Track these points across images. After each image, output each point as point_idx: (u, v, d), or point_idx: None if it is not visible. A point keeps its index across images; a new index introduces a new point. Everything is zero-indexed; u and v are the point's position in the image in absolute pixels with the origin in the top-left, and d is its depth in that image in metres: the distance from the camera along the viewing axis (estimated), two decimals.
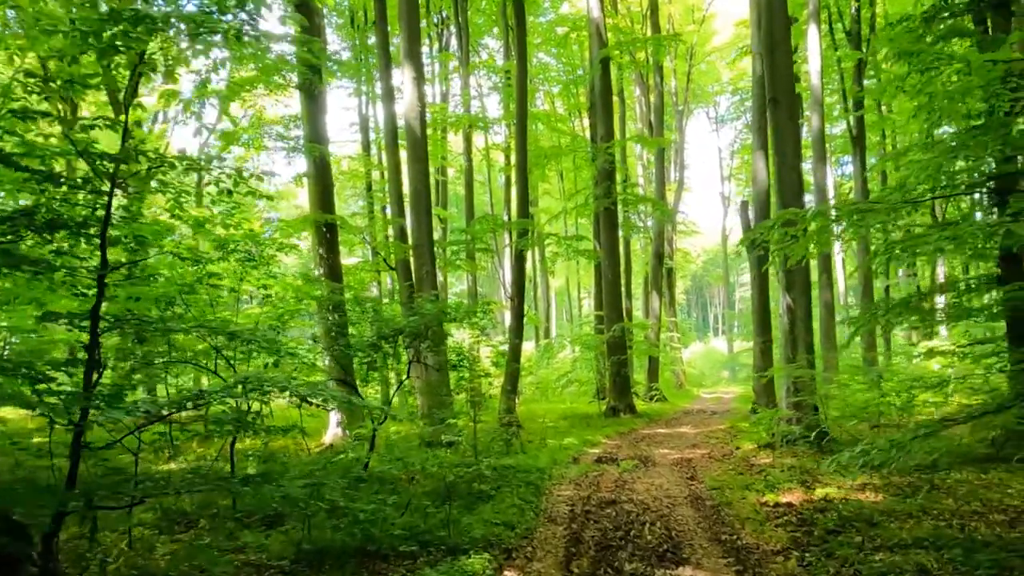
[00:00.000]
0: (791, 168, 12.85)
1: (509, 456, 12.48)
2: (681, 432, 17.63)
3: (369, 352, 9.45)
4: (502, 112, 28.95)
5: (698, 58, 35.49)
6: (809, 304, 13.15)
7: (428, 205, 14.60)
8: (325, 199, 15.43)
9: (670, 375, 32.39)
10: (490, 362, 14.31)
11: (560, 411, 21.27)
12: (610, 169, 21.22)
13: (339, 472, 9.31)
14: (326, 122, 15.42)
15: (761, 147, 19.02)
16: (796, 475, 10.17)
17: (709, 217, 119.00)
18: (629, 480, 10.85)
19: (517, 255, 17.82)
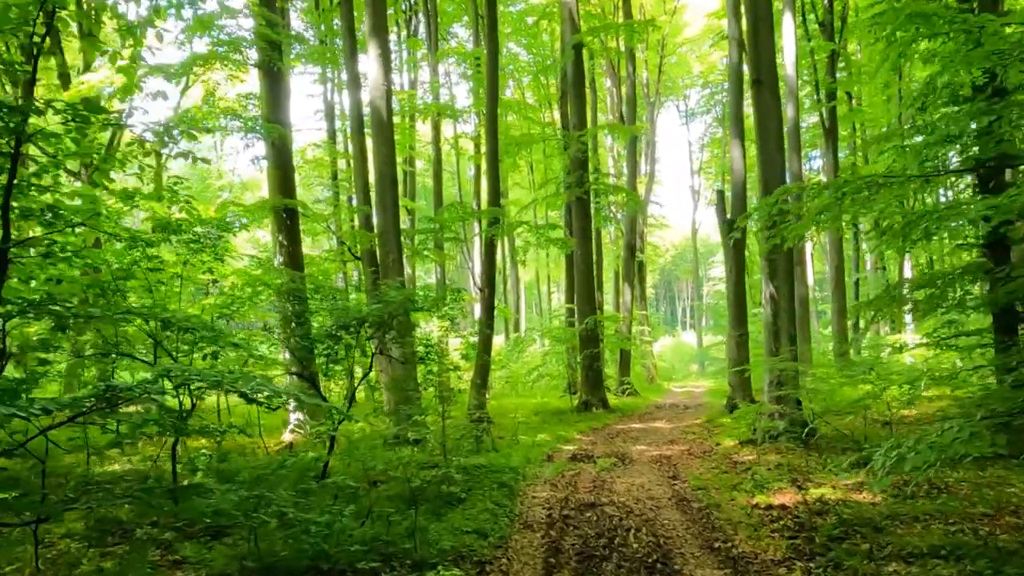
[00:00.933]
0: (774, 150, 12.20)
1: (480, 454, 11.68)
2: (656, 427, 16.98)
3: (329, 344, 8.58)
4: (472, 100, 28.07)
5: (669, 50, 34.90)
6: (792, 294, 12.53)
7: (394, 190, 13.71)
8: (285, 184, 14.47)
9: (641, 369, 31.79)
10: (459, 355, 13.49)
11: (531, 406, 20.51)
12: (583, 158, 20.47)
13: (295, 475, 8.46)
14: (287, 103, 14.45)
15: (737, 136, 18.43)
16: (785, 474, 9.50)
17: (678, 212, 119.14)
18: (608, 480, 10.11)
19: (488, 244, 17.00)
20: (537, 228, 17.07)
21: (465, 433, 12.12)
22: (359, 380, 8.93)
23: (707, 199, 46.74)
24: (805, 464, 9.99)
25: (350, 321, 8.06)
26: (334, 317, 7.94)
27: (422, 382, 14.18)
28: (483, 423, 13.65)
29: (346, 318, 8.01)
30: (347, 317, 7.96)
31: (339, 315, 7.97)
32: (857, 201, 6.52)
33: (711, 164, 44.85)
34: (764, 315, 12.32)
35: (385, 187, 13.49)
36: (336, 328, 8.06)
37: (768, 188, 12.04)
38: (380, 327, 8.41)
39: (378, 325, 8.30)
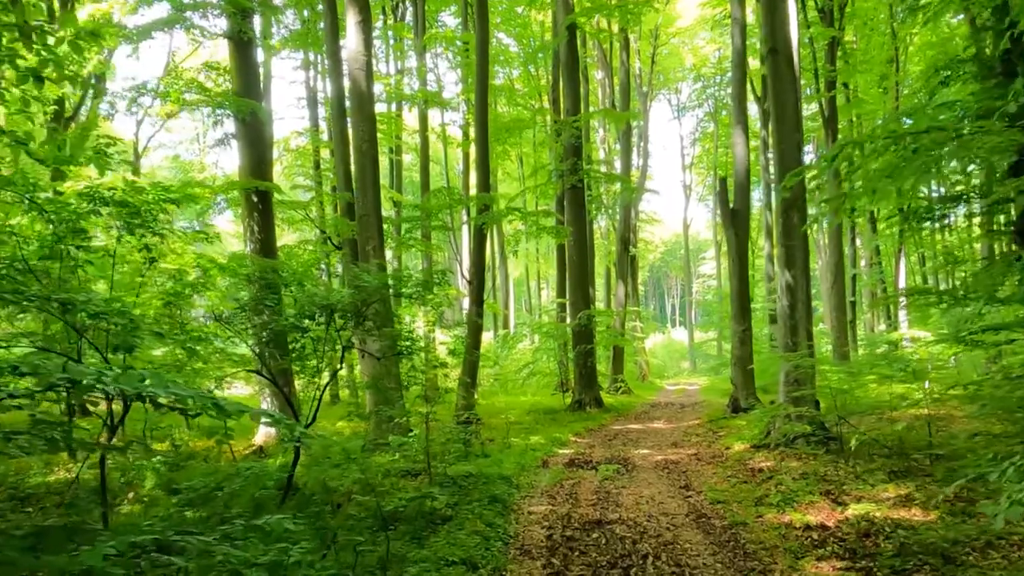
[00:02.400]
0: (791, 124, 10.97)
1: (468, 461, 10.39)
2: (655, 428, 15.75)
3: (296, 337, 7.27)
4: (460, 88, 26.72)
5: (662, 40, 33.68)
6: (810, 285, 11.31)
7: (375, 171, 12.39)
8: (258, 164, 13.13)
9: (633, 366, 30.58)
10: (446, 350, 12.19)
11: (522, 405, 19.24)
12: (577, 144, 19.21)
13: (253, 488, 7.16)
14: (259, 75, 13.10)
15: (740, 122, 17.23)
16: (814, 484, 8.26)
17: (668, 208, 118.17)
18: (612, 491, 8.85)
19: (477, 232, 15.69)
20: (530, 215, 15.77)
21: (452, 437, 10.82)
22: (327, 379, 7.59)
23: (698, 195, 45.65)
24: (834, 473, 8.75)
25: (315, 309, 6.75)
26: (298, 305, 6.63)
27: (405, 380, 12.90)
28: (472, 425, 12.38)
29: (311, 306, 6.70)
30: (312, 305, 6.66)
31: (304, 302, 6.67)
32: (929, 161, 5.25)
33: (702, 159, 43.71)
34: (780, 307, 11.09)
35: (365, 166, 12.16)
36: (300, 318, 6.75)
37: (784, 164, 10.82)
38: (353, 317, 7.10)
39: (350, 314, 6.99)
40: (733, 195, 16.93)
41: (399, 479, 9.39)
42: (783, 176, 10.86)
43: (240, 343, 7.91)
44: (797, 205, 10.89)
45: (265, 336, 7.04)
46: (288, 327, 6.74)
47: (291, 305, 7.22)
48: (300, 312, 6.73)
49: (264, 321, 6.82)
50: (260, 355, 7.05)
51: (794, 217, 10.83)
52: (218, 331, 7.73)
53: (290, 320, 6.67)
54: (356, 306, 6.87)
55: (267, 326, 6.82)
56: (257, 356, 7.12)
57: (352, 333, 7.29)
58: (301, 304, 6.73)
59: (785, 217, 10.80)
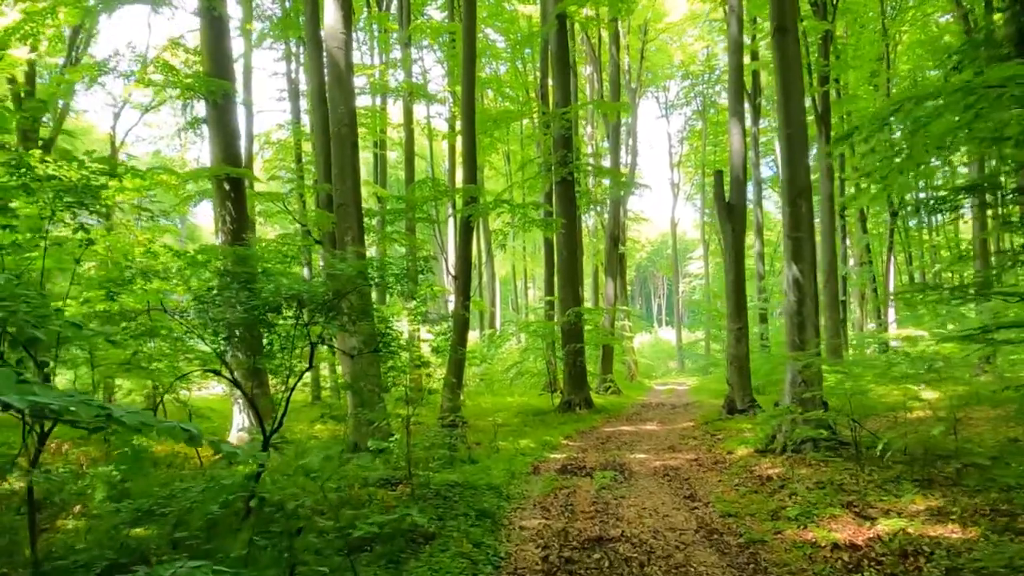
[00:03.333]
0: (799, 109, 10.20)
1: (454, 468, 9.54)
2: (649, 431, 14.95)
3: (261, 332, 6.39)
4: (447, 81, 25.85)
5: (651, 36, 32.93)
6: (816, 279, 10.54)
7: (354, 156, 11.50)
8: (229, 149, 12.23)
9: (621, 366, 29.80)
10: (429, 348, 11.32)
11: (509, 406, 18.42)
12: (567, 135, 18.41)
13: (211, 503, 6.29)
14: (231, 55, 12.20)
15: (736, 114, 16.48)
16: (832, 495, 7.48)
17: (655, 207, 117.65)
18: (611, 501, 8.03)
19: (463, 225, 14.83)
20: (519, 206, 14.93)
21: (436, 441, 9.96)
22: (296, 380, 6.72)
23: (686, 194, 45.01)
24: (852, 482, 7.98)
25: (280, 301, 5.88)
26: (261, 297, 5.76)
27: (387, 380, 12.04)
28: (457, 428, 11.53)
29: (276, 297, 5.84)
30: (277, 296, 5.80)
31: (268, 293, 5.80)
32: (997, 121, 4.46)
33: (690, 158, 43.04)
34: (786, 303, 10.31)
35: (344, 152, 11.27)
36: (264, 310, 5.88)
37: (792, 148, 10.04)
38: (325, 310, 6.23)
39: (321, 307, 6.12)
40: (729, 189, 16.18)
41: (378, 488, 8.53)
42: (791, 160, 10.10)
43: (209, 339, 7.03)
44: (805, 194, 10.13)
45: (224, 332, 6.16)
46: (245, 321, 5.86)
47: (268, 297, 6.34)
48: (264, 304, 5.86)
49: (221, 315, 5.94)
50: (220, 354, 6.17)
51: (802, 206, 10.07)
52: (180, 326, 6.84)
53: (251, 313, 5.79)
54: (327, 298, 6.01)
55: (223, 320, 5.94)
56: (217, 355, 6.23)
57: (323, 328, 6.43)
58: (265, 295, 5.86)
59: (793, 206, 10.04)
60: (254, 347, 8.45)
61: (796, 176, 10.07)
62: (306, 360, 6.84)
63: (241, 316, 5.77)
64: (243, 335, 7.43)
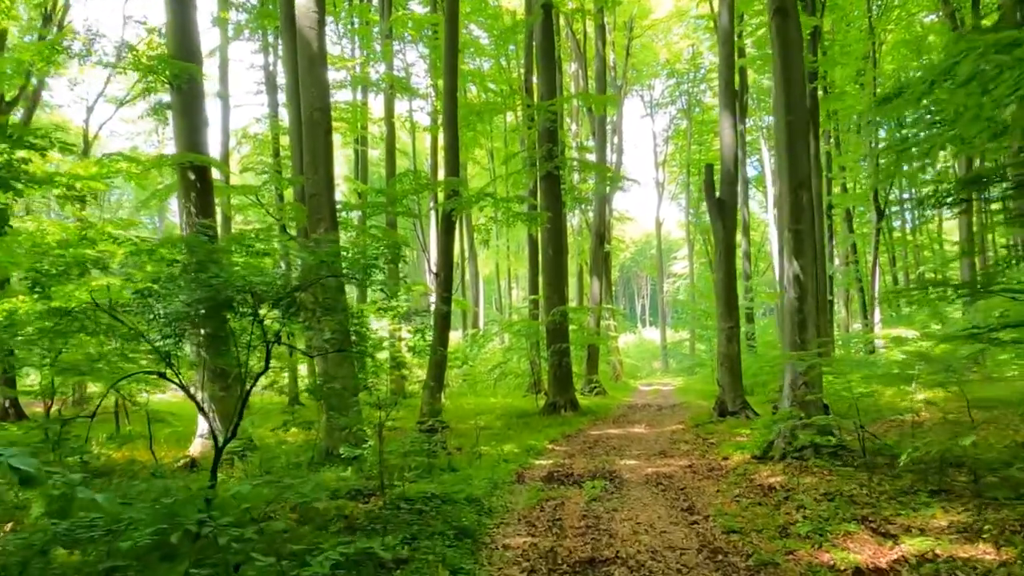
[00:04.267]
0: (799, 95, 9.52)
1: (432, 477, 8.79)
2: (637, 433, 14.26)
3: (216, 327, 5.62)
4: (429, 74, 25.04)
5: (636, 32, 32.33)
6: (818, 274, 9.89)
7: (327, 142, 10.72)
8: (196, 137, 11.40)
9: (606, 366, 29.14)
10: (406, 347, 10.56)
11: (492, 408, 17.68)
12: (552, 129, 17.70)
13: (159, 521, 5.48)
14: (197, 34, 11.36)
15: (727, 107, 15.84)
16: (844, 507, 6.79)
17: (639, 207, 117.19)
18: (603, 515, 7.30)
19: (445, 219, 14.06)
20: (503, 200, 14.18)
21: (414, 447, 9.18)
22: (251, 383, 5.94)
23: (671, 193, 44.47)
24: (862, 493, 7.30)
25: (229, 295, 5.10)
26: (207, 290, 4.97)
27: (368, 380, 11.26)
28: (436, 433, 10.77)
29: (226, 290, 5.06)
30: (224, 290, 5.01)
31: (217, 285, 5.01)
32: None
33: (675, 157, 42.50)
34: (786, 301, 9.64)
35: (316, 138, 10.49)
36: (210, 306, 5.10)
37: (793, 136, 9.37)
38: (284, 305, 5.46)
39: (279, 301, 5.35)
40: (720, 184, 15.53)
41: (348, 501, 7.76)
42: (792, 149, 9.44)
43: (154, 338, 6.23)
44: (806, 184, 9.47)
45: (168, 329, 5.38)
46: (189, 316, 5.08)
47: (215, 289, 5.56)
48: (209, 298, 5.08)
49: (164, 311, 5.16)
50: (165, 353, 5.38)
51: (803, 197, 9.40)
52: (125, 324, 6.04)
53: (195, 307, 5.01)
54: (282, 291, 5.24)
55: (166, 317, 5.15)
56: (161, 354, 5.44)
57: (281, 325, 5.65)
58: (212, 288, 5.09)
59: (794, 197, 9.36)
60: (217, 346, 7.68)
61: (797, 165, 9.40)
62: (270, 360, 6.07)
63: (184, 311, 4.99)
64: (202, 333, 6.66)
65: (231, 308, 5.24)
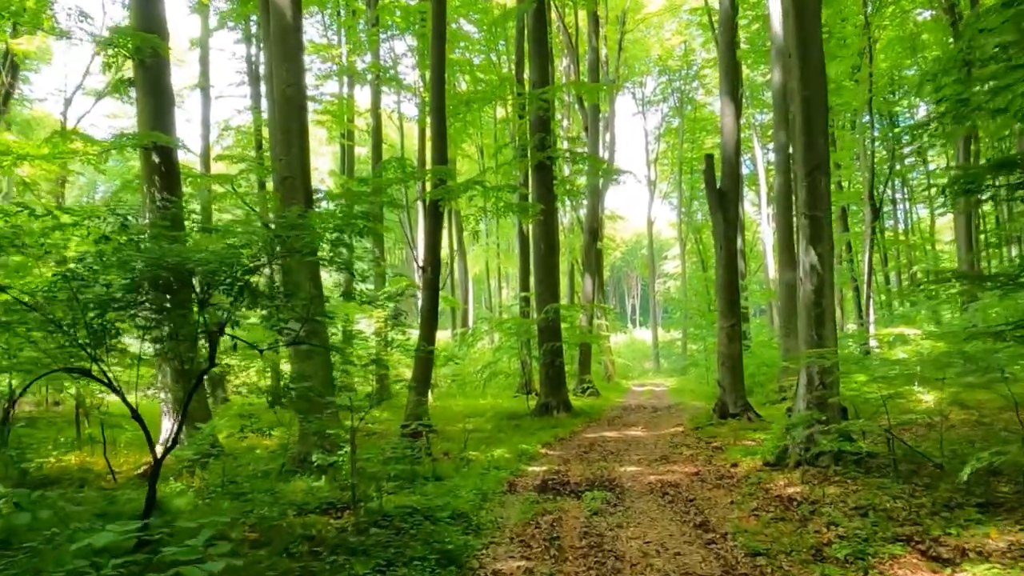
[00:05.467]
0: (817, 67, 8.64)
1: (414, 488, 7.86)
2: (635, 436, 13.36)
3: (153, 318, 4.66)
4: (417, 69, 24.07)
5: (629, 26, 31.46)
6: (834, 264, 9.01)
7: (302, 123, 9.77)
8: (162, 117, 10.43)
9: (597, 366, 28.24)
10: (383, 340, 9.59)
11: (482, 409, 16.73)
12: (545, 118, 16.79)
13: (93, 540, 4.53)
14: (163, 6, 10.37)
15: (728, 92, 15.00)
16: (882, 525, 5.90)
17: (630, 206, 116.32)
18: (607, 532, 6.38)
19: (432, 210, 13.12)
20: (493, 189, 13.26)
21: (396, 454, 8.23)
22: (194, 383, 4.98)
23: (662, 192, 43.67)
24: (896, 505, 6.40)
25: (164, 275, 4.14)
26: (132, 270, 4.02)
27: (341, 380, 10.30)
28: (421, 438, 9.82)
29: (157, 270, 4.10)
30: (158, 268, 4.06)
31: (147, 263, 4.06)
32: None
33: (667, 155, 41.68)
34: (802, 293, 8.75)
35: (290, 117, 9.53)
36: (140, 289, 4.14)
37: (810, 113, 8.49)
38: (233, 288, 4.51)
39: (226, 285, 4.40)
40: (721, 175, 14.67)
41: (318, 516, 6.82)
42: (808, 127, 8.56)
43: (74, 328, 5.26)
44: (823, 166, 8.58)
45: (98, 319, 4.42)
46: (107, 303, 4.12)
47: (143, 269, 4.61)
48: (139, 278, 4.13)
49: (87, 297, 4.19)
50: (84, 346, 4.42)
51: (821, 181, 8.52)
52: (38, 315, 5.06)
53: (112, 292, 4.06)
54: (231, 271, 4.29)
55: (90, 304, 4.19)
56: (83, 348, 4.47)
57: (229, 313, 4.69)
58: (145, 267, 4.14)
59: (810, 180, 8.48)
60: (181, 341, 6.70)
61: (814, 145, 8.53)
62: (215, 354, 5.11)
63: (106, 297, 4.04)
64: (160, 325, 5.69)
65: (170, 291, 4.30)
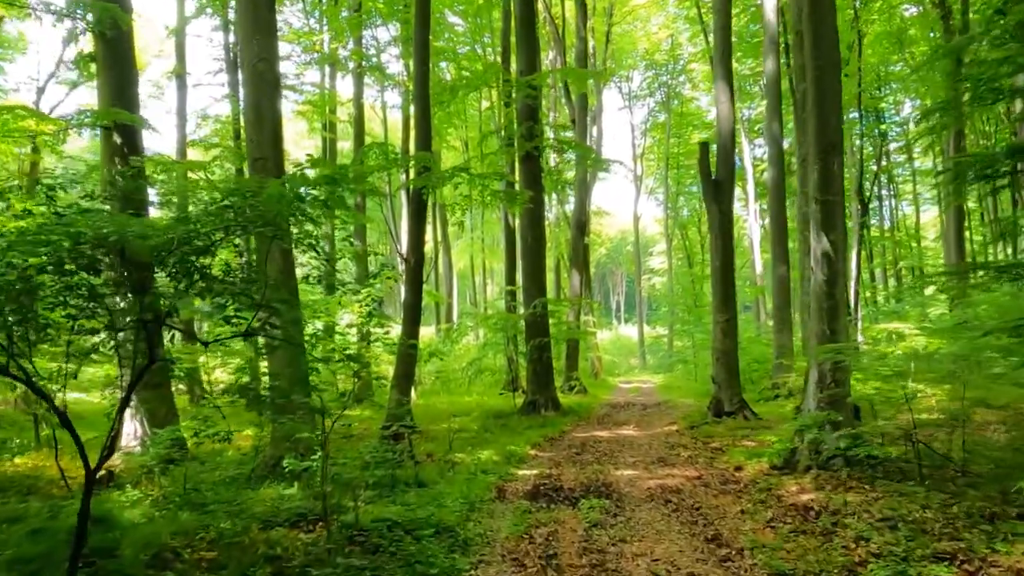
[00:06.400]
0: (831, 38, 7.99)
1: (395, 495, 7.12)
2: (627, 436, 12.70)
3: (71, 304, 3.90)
4: (401, 59, 23.20)
5: (616, 18, 30.77)
6: (845, 254, 8.36)
7: (274, 101, 8.97)
8: (124, 93, 9.61)
9: (584, 363, 27.56)
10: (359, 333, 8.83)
11: (468, 407, 15.99)
12: (532, 106, 16.06)
13: None
14: None
15: (724, 76, 14.32)
16: (917, 539, 5.25)
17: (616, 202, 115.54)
18: (608, 548, 5.68)
19: (415, 198, 12.36)
20: (477, 177, 12.51)
21: (376, 457, 7.48)
22: (131, 382, 4.23)
23: (648, 187, 43.09)
24: (930, 516, 5.75)
25: (90, 252, 3.39)
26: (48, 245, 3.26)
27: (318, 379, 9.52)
28: (402, 441, 9.07)
29: (82, 246, 3.34)
30: (80, 242, 3.30)
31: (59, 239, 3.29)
32: None
33: (653, 150, 41.10)
34: (814, 284, 8.09)
35: (260, 92, 8.74)
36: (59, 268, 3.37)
37: (823, 89, 7.82)
38: (180, 269, 3.75)
39: (166, 265, 3.63)
40: (716, 163, 14.02)
41: (288, 530, 6.06)
42: (821, 105, 7.90)
43: None
44: (837, 147, 7.93)
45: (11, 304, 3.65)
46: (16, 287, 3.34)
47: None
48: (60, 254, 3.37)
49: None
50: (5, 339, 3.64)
51: (834, 163, 7.86)
52: None
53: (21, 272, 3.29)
54: (168, 245, 3.54)
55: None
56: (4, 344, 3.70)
57: (173, 299, 3.93)
58: (68, 243, 3.37)
59: (823, 162, 7.81)
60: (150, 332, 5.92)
61: (827, 124, 7.87)
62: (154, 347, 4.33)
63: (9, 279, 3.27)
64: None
65: (94, 272, 3.54)
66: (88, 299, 3.86)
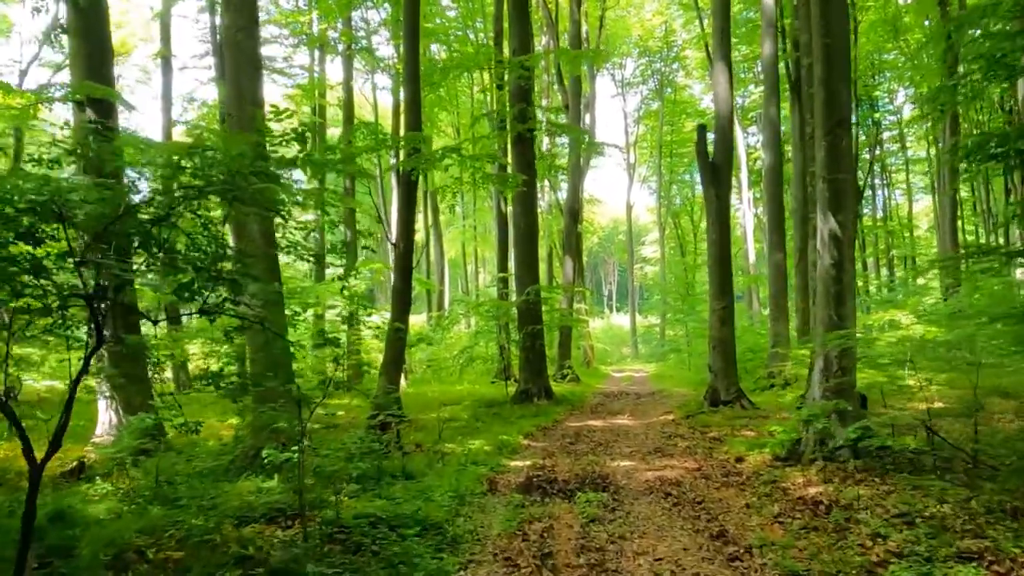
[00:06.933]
0: (840, 11, 7.55)
1: (380, 488, 6.71)
2: (622, 425, 12.32)
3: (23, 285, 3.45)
4: (390, 37, 22.63)
5: (610, 3, 30.20)
6: (855, 237, 7.98)
7: (254, 74, 8.47)
8: (99, 68, 9.09)
9: (576, 351, 27.16)
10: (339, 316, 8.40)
11: (459, 395, 15.59)
12: (525, 88, 15.59)
13: None
14: None
15: (723, 56, 13.86)
16: (939, 537, 4.87)
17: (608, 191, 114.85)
18: (606, 545, 5.28)
19: (405, 180, 11.90)
20: (469, 158, 12.05)
21: (360, 449, 7.05)
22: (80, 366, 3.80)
23: (641, 176, 42.64)
24: (949, 511, 5.37)
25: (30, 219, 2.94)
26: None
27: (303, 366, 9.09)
28: (389, 431, 8.65)
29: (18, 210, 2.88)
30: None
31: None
32: None
33: (646, 138, 40.61)
34: (820, 268, 7.69)
35: (240, 64, 8.25)
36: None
37: (832, 63, 7.41)
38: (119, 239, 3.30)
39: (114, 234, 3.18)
40: (713, 146, 13.60)
41: (264, 526, 5.65)
42: (829, 79, 7.48)
43: None
44: (846, 123, 7.52)
45: None
46: None
47: None
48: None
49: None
50: None
51: (843, 139, 7.46)
52: None
53: None
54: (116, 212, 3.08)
55: None
56: None
57: (121, 272, 3.48)
58: None
59: (831, 139, 7.40)
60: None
61: (835, 98, 7.45)
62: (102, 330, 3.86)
63: None
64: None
65: (33, 241, 3.10)
66: (30, 273, 3.41)
